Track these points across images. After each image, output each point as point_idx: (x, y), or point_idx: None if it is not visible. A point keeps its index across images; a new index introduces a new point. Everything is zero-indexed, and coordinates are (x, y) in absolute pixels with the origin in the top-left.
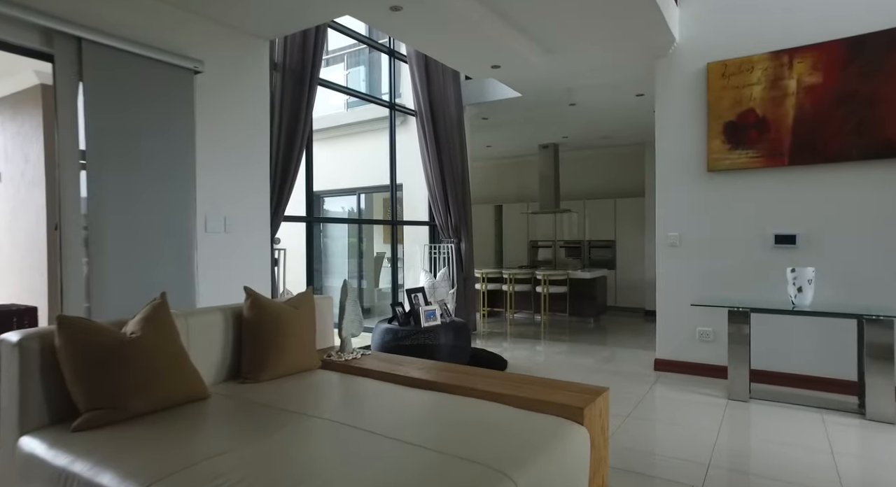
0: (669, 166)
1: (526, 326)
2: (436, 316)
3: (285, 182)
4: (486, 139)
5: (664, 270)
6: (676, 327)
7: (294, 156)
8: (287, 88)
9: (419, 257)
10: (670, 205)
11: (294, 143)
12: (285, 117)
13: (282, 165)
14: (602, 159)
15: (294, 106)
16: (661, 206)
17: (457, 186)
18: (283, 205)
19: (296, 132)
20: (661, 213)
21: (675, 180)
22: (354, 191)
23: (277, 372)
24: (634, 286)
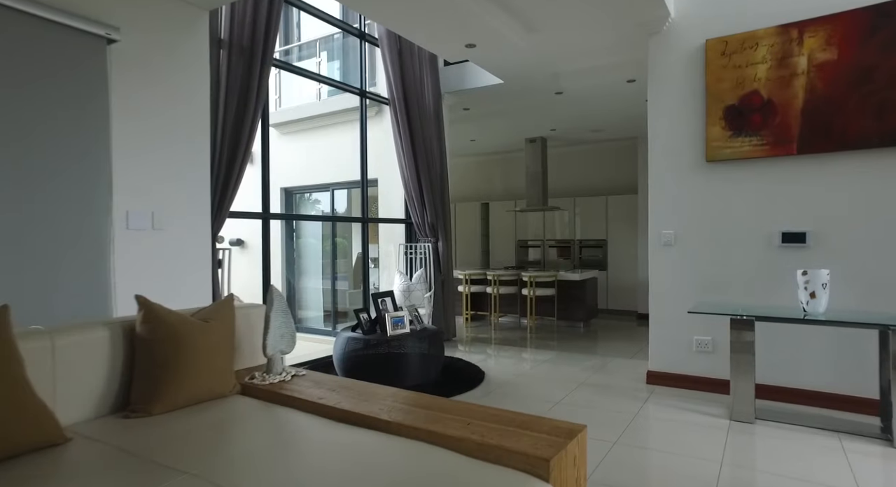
0: (663, 156)
1: (511, 331)
2: (404, 324)
3: (231, 173)
4: (470, 132)
5: (657, 272)
6: (671, 336)
7: (242, 145)
8: (234, 67)
9: (394, 258)
10: (664, 200)
11: (242, 130)
12: (231, 100)
13: (227, 154)
14: (593, 154)
15: (243, 87)
16: (655, 201)
17: (434, 181)
18: (229, 199)
19: (244, 118)
20: (654, 209)
21: (669, 172)
22: (328, 187)
23: (176, 402)
24: (627, 288)
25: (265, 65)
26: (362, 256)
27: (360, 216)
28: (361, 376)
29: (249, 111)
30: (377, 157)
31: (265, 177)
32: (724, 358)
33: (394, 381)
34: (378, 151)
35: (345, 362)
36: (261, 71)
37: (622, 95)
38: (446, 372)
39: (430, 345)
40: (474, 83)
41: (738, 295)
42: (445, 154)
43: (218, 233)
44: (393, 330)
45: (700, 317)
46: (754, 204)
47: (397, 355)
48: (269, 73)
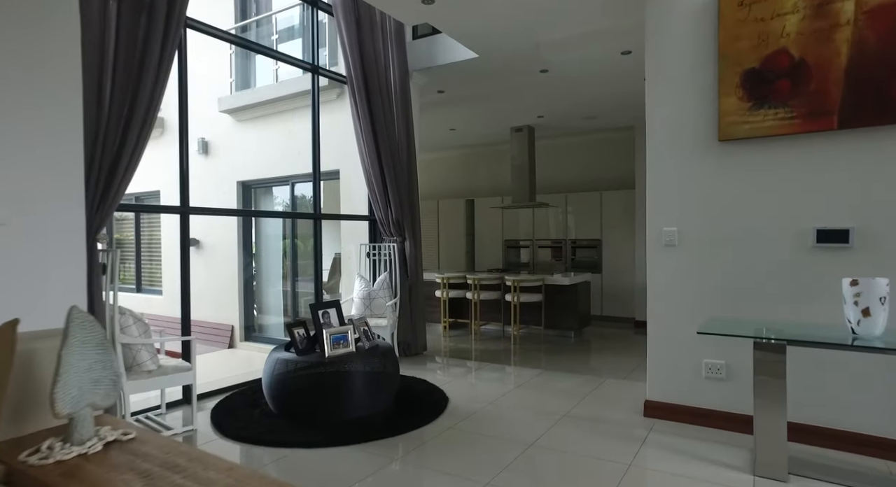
0: (664, 137)
1: (493, 341)
2: (348, 341)
3: (121, 156)
4: (448, 120)
5: (658, 279)
6: (674, 358)
7: (138, 122)
8: (125, 23)
9: (355, 260)
10: (666, 191)
11: (137, 103)
12: (122, 64)
13: (116, 132)
14: (586, 146)
15: (141, 52)
16: (654, 193)
17: (400, 172)
18: (118, 187)
19: (140, 87)
20: (653, 202)
21: (672, 156)
22: (288, 180)
23: None
24: (623, 292)
25: (171, 24)
26: (314, 259)
27: (311, 212)
28: (295, 407)
29: (148, 80)
30: (339, 146)
31: (183, 166)
32: (742, 388)
33: (334, 413)
34: (340, 139)
35: (273, 390)
36: (166, 31)
37: (616, 73)
38: (404, 397)
39: (383, 367)
40: (446, 58)
41: (760, 308)
42: (414, 141)
43: (100, 229)
44: (333, 349)
45: (711, 336)
46: (780, 193)
47: (338, 380)
48: (179, 34)
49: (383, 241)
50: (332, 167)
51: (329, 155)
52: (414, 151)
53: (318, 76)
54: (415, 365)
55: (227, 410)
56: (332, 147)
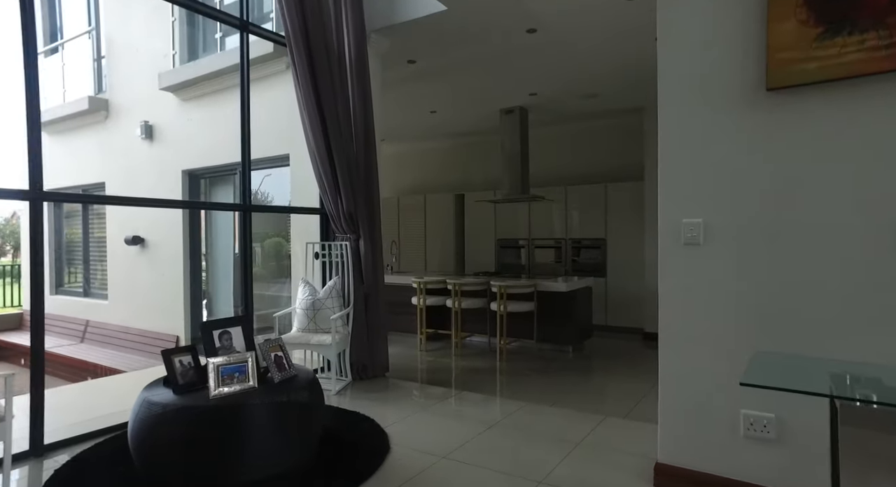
0: (684, 91)
1: (476, 357)
2: (247, 374)
3: None
4: (427, 100)
5: (673, 291)
6: (698, 404)
7: None
8: None
9: (301, 261)
10: (686, 168)
11: None
12: None
13: None
14: (587, 133)
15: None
16: (669, 172)
17: (352, 155)
18: None
19: None
20: (667, 186)
21: (695, 117)
22: (234, 169)
23: None
24: (630, 299)
25: None
26: (241, 259)
27: (239, 202)
28: (165, 467)
29: None
30: (290, 126)
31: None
32: (802, 454)
33: (223, 474)
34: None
35: (138, 443)
36: None
37: (620, 31)
38: (333, 444)
39: (299, 407)
40: (409, 12)
41: (823, 334)
42: (372, 119)
43: None
44: (223, 385)
45: None
46: (862, 167)
47: (227, 429)
48: None
49: (336, 239)
50: (281, 151)
51: (278, 137)
52: (373, 131)
53: (248, 34)
54: (366, 394)
55: (78, 470)
56: (281, 127)
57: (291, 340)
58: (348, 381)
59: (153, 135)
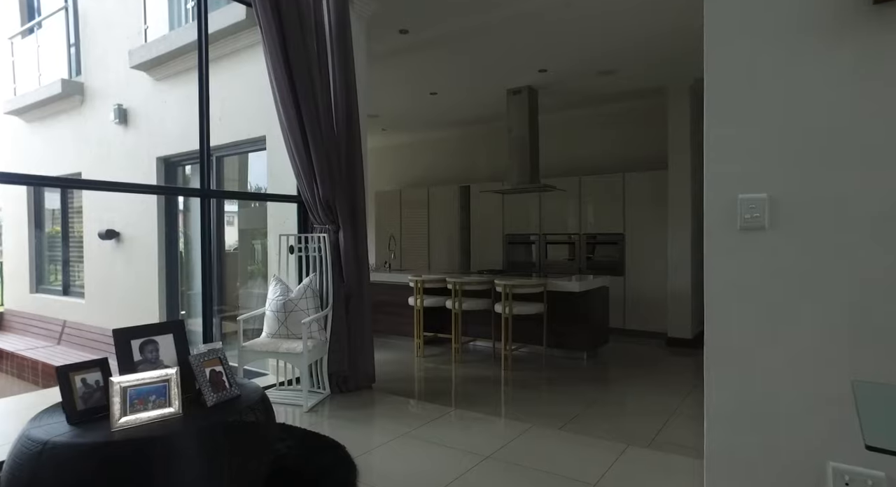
0: (744, 7)
1: (478, 366)
2: (167, 397)
3: None
4: (425, 79)
5: (725, 294)
6: (762, 451)
7: None
8: None
9: (274, 255)
10: (745, 120)
11: None
12: None
13: None
14: (603, 117)
15: None
16: (719, 127)
17: (328, 134)
18: None
19: None
20: (716, 146)
21: (760, 45)
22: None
23: None
24: (652, 300)
25: None
26: (202, 253)
27: (197, 187)
28: None
29: None
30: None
31: None
32: None
33: None
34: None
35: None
36: None
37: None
38: (282, 482)
39: (238, 438)
40: None
41: None
42: (355, 94)
43: None
44: (131, 412)
45: (849, 419)
46: None
47: (135, 469)
48: None
49: (314, 231)
50: (257, 133)
51: (253, 117)
52: (356, 108)
53: None
54: (344, 411)
55: None
56: (259, 106)
57: (257, 347)
58: (325, 395)
59: (127, 120)
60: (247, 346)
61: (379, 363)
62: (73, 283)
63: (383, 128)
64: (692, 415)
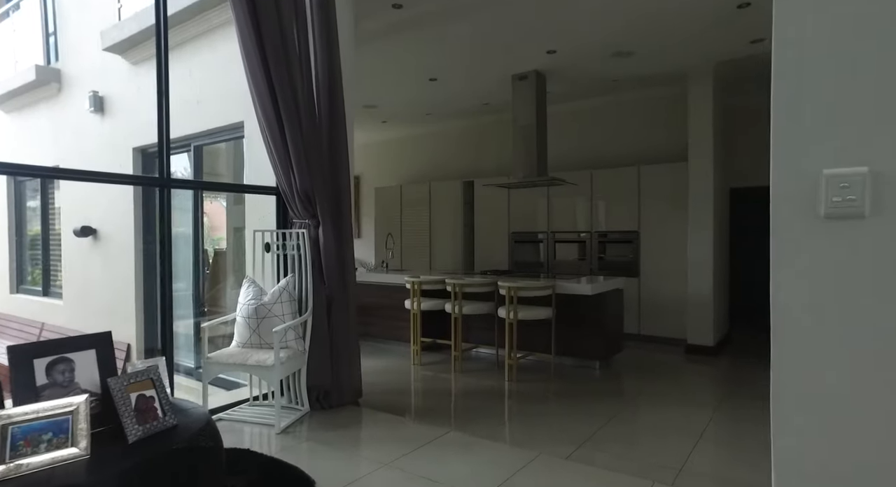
0: None
1: (480, 376)
2: (69, 435)
3: None
4: (422, 63)
5: (800, 303)
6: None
7: None
8: None
9: (249, 253)
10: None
11: None
12: None
13: None
14: (617, 106)
15: None
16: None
17: (306, 117)
18: None
19: None
20: (789, 105)
21: None
22: (188, 142)
23: None
24: (670, 303)
25: None
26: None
27: (155, 176)
28: None
29: None
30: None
31: None
32: None
33: None
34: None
35: None
36: None
37: None
38: None
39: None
40: None
41: None
42: (340, 74)
43: None
44: (11, 459)
45: None
46: None
47: None
48: None
49: (294, 227)
50: (234, 118)
51: (233, 101)
52: (340, 89)
53: None
54: (323, 432)
55: None
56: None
57: (223, 359)
58: (304, 413)
59: (103, 108)
60: (212, 358)
61: (372, 371)
62: (52, 284)
63: (384, 121)
64: (722, 439)
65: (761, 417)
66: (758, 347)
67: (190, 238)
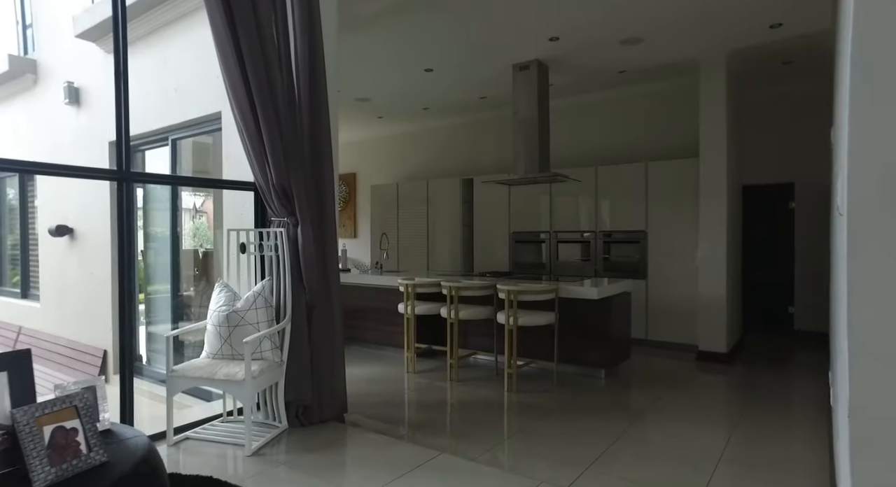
0: None
1: (478, 386)
2: None
3: None
4: (416, 51)
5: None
6: None
7: None
8: None
9: (224, 253)
10: None
11: None
12: None
13: None
14: (623, 100)
15: None
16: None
17: (282, 103)
18: None
19: None
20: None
21: None
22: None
23: None
24: (679, 307)
25: None
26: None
27: (112, 168)
28: None
29: None
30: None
31: None
32: None
33: None
34: None
35: None
36: None
37: None
38: None
39: None
40: None
41: None
42: (322, 57)
43: None
44: None
45: None
46: None
47: None
48: None
49: (272, 225)
50: (213, 108)
51: (210, 90)
52: (322, 73)
53: None
54: (300, 455)
55: None
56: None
57: (189, 372)
58: (281, 431)
59: (79, 100)
60: (177, 371)
61: (363, 380)
62: (32, 285)
63: (379, 116)
64: (745, 460)
65: (788, 434)
66: (773, 353)
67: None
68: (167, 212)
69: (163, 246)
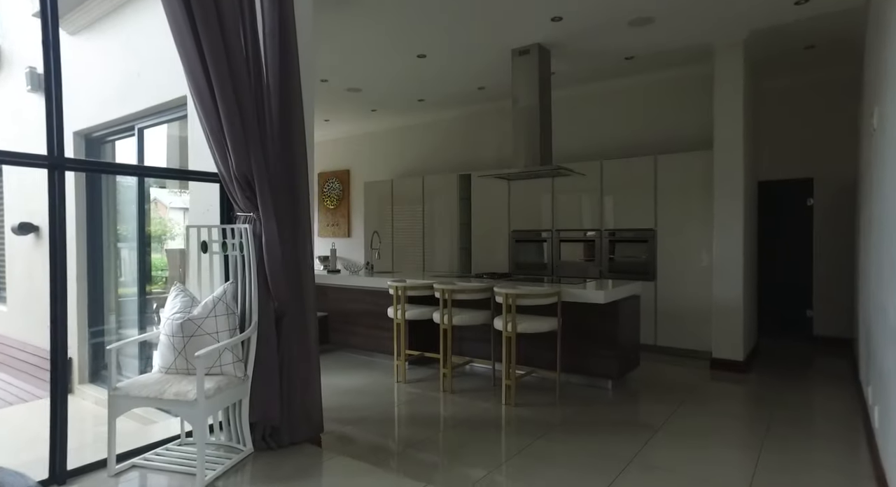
0: None
1: (473, 398)
2: None
3: None
4: (407, 35)
5: None
6: None
7: None
8: None
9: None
10: None
11: None
12: None
13: None
14: (631, 90)
15: None
16: None
17: (245, 86)
18: None
19: None
20: None
21: None
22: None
23: None
24: (690, 311)
25: None
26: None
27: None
28: None
29: None
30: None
31: None
32: None
33: None
34: None
35: None
36: None
37: None
38: None
39: None
40: None
41: None
42: (294, 33)
43: None
44: None
45: None
46: None
47: None
48: None
49: (238, 221)
50: (178, 92)
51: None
52: (294, 51)
53: None
54: (262, 486)
55: None
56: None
57: (135, 391)
58: (245, 455)
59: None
60: (120, 389)
61: (347, 391)
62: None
63: (373, 109)
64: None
65: (822, 457)
66: (792, 361)
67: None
68: (135, 207)
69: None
